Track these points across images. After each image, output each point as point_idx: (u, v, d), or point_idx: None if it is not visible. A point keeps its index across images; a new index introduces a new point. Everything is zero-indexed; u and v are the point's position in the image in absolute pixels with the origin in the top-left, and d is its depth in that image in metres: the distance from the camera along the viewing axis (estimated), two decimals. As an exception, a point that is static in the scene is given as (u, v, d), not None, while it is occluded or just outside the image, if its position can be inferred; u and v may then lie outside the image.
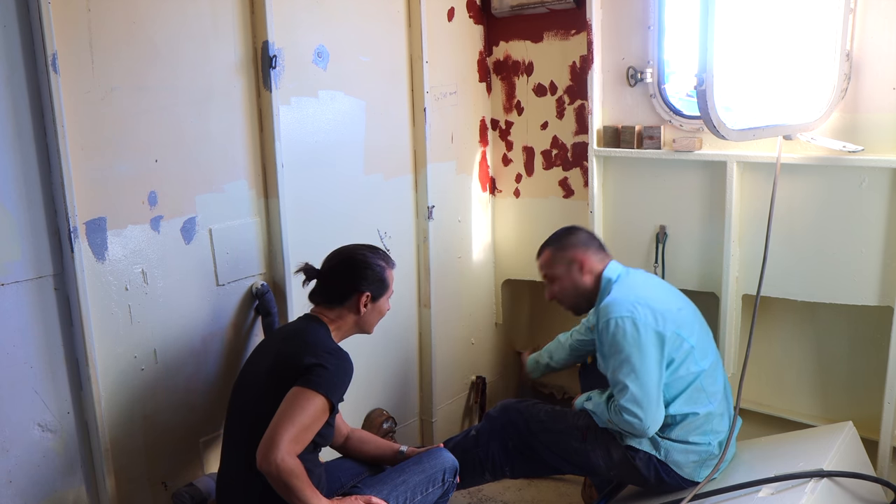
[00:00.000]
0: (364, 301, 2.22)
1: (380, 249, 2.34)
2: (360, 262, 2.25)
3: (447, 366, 3.37)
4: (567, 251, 2.58)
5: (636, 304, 2.38)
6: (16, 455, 2.00)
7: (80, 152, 2.02)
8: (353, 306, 2.23)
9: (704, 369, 2.42)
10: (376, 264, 2.26)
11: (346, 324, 2.25)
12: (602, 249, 2.62)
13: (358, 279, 2.23)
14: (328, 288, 2.25)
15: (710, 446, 2.45)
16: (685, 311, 2.48)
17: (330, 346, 2.14)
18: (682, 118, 2.91)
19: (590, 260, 2.56)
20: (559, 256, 2.60)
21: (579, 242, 2.60)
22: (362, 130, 2.85)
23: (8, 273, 1.93)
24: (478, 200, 3.47)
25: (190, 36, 2.27)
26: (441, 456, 2.34)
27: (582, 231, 2.67)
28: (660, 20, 2.90)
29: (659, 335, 2.35)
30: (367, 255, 2.27)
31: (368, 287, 2.23)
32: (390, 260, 2.33)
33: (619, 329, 2.35)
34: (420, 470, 2.27)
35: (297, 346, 2.11)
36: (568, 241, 2.61)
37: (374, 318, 2.30)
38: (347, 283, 2.23)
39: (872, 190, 2.56)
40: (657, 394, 2.34)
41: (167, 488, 2.36)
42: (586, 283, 2.56)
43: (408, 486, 2.21)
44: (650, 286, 2.53)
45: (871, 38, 2.50)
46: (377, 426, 3.00)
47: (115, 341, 2.17)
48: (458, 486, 2.64)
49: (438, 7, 3.10)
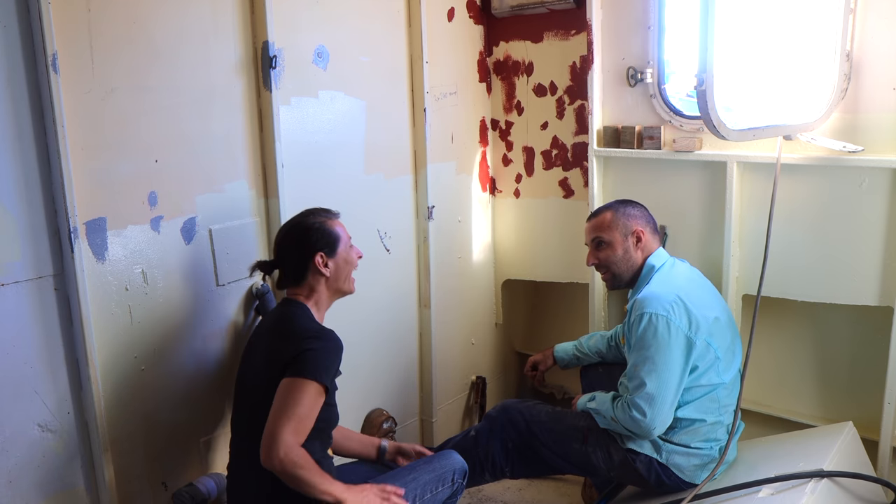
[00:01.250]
0: (321, 262, 2.19)
1: (316, 208, 2.30)
2: (300, 229, 2.23)
3: (447, 366, 3.36)
4: (629, 220, 2.54)
5: (674, 304, 2.34)
6: (16, 455, 2.00)
7: (81, 152, 2.02)
8: (315, 272, 2.20)
9: (724, 382, 2.41)
10: (314, 223, 2.23)
11: (322, 294, 2.23)
12: (657, 231, 2.59)
13: (303, 245, 2.20)
14: (286, 268, 2.24)
15: (713, 451, 2.44)
16: (721, 320, 2.43)
17: (312, 328, 2.13)
18: (682, 118, 2.91)
19: (647, 237, 2.54)
20: (621, 223, 2.54)
21: (642, 216, 2.57)
22: (362, 131, 2.85)
23: (8, 273, 1.93)
24: (478, 200, 3.47)
25: (190, 36, 2.27)
26: (452, 457, 2.35)
27: (643, 206, 2.62)
28: (660, 20, 2.90)
29: (689, 340, 2.32)
30: (301, 220, 2.25)
31: (318, 246, 2.20)
32: (329, 212, 2.29)
33: (651, 326, 2.32)
34: (431, 469, 2.28)
35: (283, 337, 2.11)
36: (631, 211, 2.57)
37: (344, 272, 2.25)
38: (297, 255, 2.20)
39: (872, 190, 2.56)
40: (673, 398, 2.32)
41: (167, 488, 2.36)
42: (637, 259, 2.53)
43: (418, 483, 2.22)
44: (694, 285, 2.49)
45: (871, 38, 2.50)
46: (377, 426, 3.00)
47: (115, 341, 2.17)
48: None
49: (438, 7, 3.10)
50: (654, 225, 2.61)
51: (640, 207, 2.62)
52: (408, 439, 3.20)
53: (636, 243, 2.53)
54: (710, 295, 2.53)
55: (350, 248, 2.28)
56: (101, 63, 2.05)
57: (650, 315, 2.33)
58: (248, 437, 2.09)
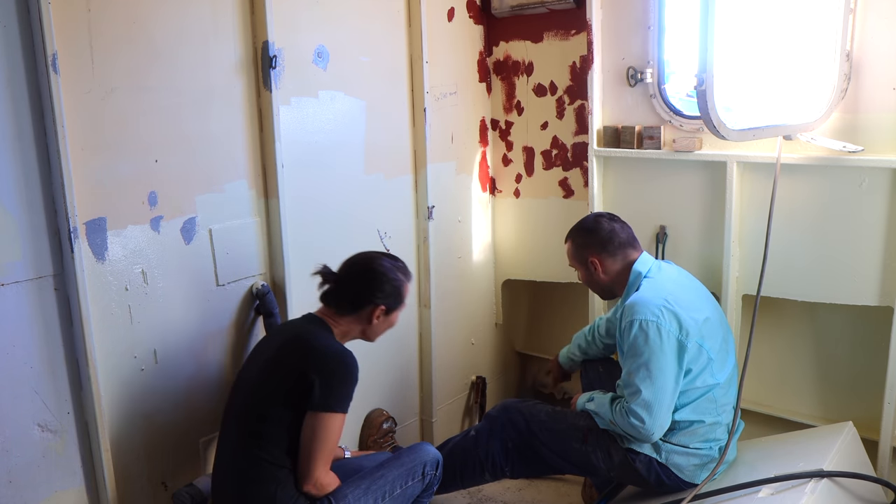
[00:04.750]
0: (377, 314, 2.22)
1: (399, 260, 2.32)
2: (379, 274, 2.23)
3: (447, 366, 3.36)
4: (583, 251, 2.55)
5: (663, 309, 2.33)
6: (16, 455, 2.00)
7: (80, 152, 2.02)
8: (364, 316, 2.22)
9: (720, 382, 2.40)
10: (395, 277, 2.24)
11: (353, 331, 2.26)
12: (628, 244, 2.52)
13: (374, 290, 2.21)
14: (342, 294, 2.24)
15: (712, 451, 2.44)
16: (712, 319, 2.43)
17: (333, 348, 2.13)
18: (682, 118, 2.91)
19: (605, 262, 2.51)
20: (577, 254, 2.58)
21: (594, 243, 2.52)
22: (362, 130, 2.85)
23: (8, 273, 1.93)
24: (478, 200, 3.47)
25: (190, 36, 2.27)
26: (421, 449, 2.35)
27: (604, 225, 2.54)
28: (660, 20, 2.90)
29: (681, 344, 2.31)
30: (386, 267, 2.25)
31: (384, 300, 2.22)
32: (409, 273, 2.31)
33: (641, 332, 2.31)
34: (399, 464, 2.28)
35: (301, 355, 2.11)
36: (585, 240, 2.55)
37: (383, 329, 2.30)
38: (363, 293, 2.21)
39: (872, 190, 2.56)
40: (670, 402, 2.32)
41: (167, 488, 2.36)
42: (604, 280, 2.54)
43: (386, 479, 2.22)
44: (681, 287, 2.48)
45: (871, 38, 2.50)
46: (377, 426, 3.00)
47: (115, 341, 2.17)
48: (458, 487, 2.65)
49: (438, 7, 3.10)
50: (619, 240, 2.51)
51: (594, 234, 2.53)
52: (408, 439, 3.20)
53: (595, 269, 2.53)
54: (698, 296, 2.51)
55: (399, 313, 2.31)
56: (101, 63, 2.05)
57: (640, 321, 2.32)
58: (235, 443, 2.15)
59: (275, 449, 2.07)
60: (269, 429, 2.08)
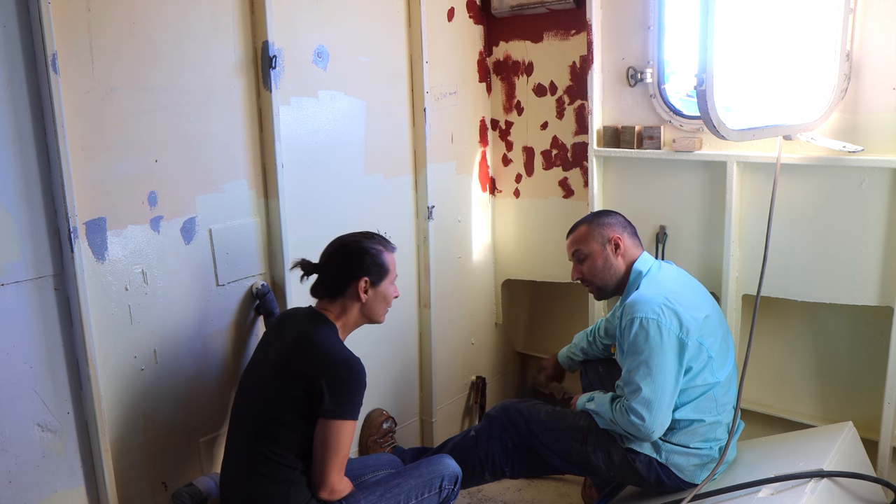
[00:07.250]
0: (363, 287, 2.20)
1: (376, 234, 2.32)
2: (355, 249, 2.23)
3: (447, 366, 3.36)
4: (605, 229, 2.54)
5: (663, 307, 2.33)
6: (16, 455, 2.00)
7: (81, 152, 2.02)
8: (353, 294, 2.21)
9: (720, 381, 2.40)
10: (372, 248, 2.23)
11: (352, 316, 2.24)
12: (636, 237, 2.58)
13: (354, 266, 2.20)
14: (327, 279, 2.24)
15: (712, 451, 2.44)
16: (712, 318, 2.43)
17: (341, 355, 2.11)
18: (682, 118, 2.91)
19: (626, 243, 2.53)
20: (596, 233, 2.54)
21: (617, 223, 2.56)
22: (362, 130, 2.85)
23: (8, 273, 1.93)
24: (478, 200, 3.47)
25: (190, 36, 2.27)
26: (441, 462, 2.31)
27: (619, 214, 2.63)
28: (660, 20, 2.90)
29: (681, 342, 2.31)
30: (361, 241, 2.25)
31: (366, 272, 2.21)
32: (388, 243, 2.30)
33: (642, 330, 2.31)
34: (417, 474, 2.25)
35: (308, 357, 2.10)
36: (606, 220, 2.57)
37: (380, 304, 2.27)
38: (344, 272, 2.21)
39: (872, 190, 2.56)
40: (670, 401, 2.32)
41: (167, 488, 2.36)
42: (619, 267, 2.53)
43: (401, 488, 2.20)
44: (681, 286, 2.48)
45: (871, 38, 2.50)
46: (377, 426, 3.00)
47: (115, 341, 2.17)
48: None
49: (438, 7, 3.10)
50: (632, 230, 2.59)
51: (615, 216, 2.61)
52: (408, 439, 3.20)
53: (615, 250, 2.52)
54: (698, 294, 2.52)
55: (391, 284, 2.28)
56: (101, 63, 2.05)
57: (640, 319, 2.32)
58: (242, 446, 2.15)
59: (286, 451, 2.07)
60: (279, 431, 2.08)
